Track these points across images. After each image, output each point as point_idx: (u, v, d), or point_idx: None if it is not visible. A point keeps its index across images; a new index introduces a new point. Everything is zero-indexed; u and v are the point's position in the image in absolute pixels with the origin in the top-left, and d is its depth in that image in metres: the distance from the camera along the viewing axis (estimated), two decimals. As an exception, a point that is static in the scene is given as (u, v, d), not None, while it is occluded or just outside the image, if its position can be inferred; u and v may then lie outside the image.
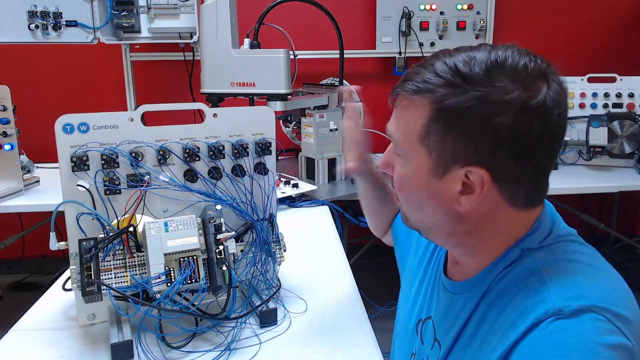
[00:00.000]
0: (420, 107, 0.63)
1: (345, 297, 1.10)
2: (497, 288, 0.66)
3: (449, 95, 0.60)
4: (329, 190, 1.97)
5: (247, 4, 2.18)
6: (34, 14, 2.13)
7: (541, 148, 0.60)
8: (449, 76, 0.61)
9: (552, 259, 0.64)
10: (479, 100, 0.58)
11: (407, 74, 0.67)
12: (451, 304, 0.73)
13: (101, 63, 2.66)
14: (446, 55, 0.63)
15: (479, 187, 0.62)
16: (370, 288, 1.05)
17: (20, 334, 0.96)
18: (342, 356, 0.89)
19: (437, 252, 0.85)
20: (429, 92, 0.62)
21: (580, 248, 0.67)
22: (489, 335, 0.64)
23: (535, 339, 0.56)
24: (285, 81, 1.79)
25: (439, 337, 0.75)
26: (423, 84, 0.63)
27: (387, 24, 2.67)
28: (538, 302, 0.59)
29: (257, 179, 1.04)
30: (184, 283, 0.85)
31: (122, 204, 0.92)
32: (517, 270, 0.65)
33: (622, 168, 2.29)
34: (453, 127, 0.61)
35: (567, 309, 0.56)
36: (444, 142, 0.62)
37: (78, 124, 0.89)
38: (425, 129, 0.63)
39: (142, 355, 0.87)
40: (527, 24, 2.83)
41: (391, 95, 0.69)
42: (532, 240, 0.66)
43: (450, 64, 0.61)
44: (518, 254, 0.66)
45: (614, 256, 2.91)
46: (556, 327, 0.55)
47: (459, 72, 0.60)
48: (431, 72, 0.63)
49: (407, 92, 0.65)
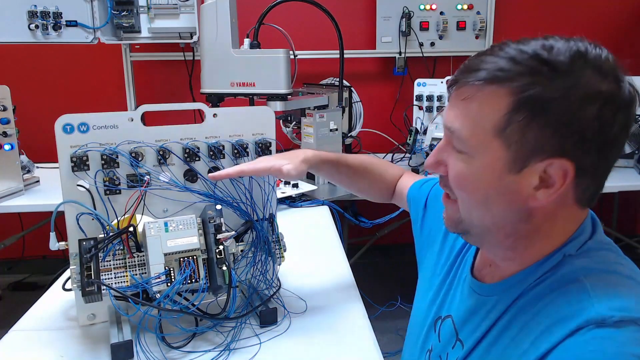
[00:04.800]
0: (497, 97, 0.59)
1: (345, 297, 1.10)
2: (532, 293, 0.65)
3: (532, 84, 0.57)
4: (329, 190, 1.97)
5: (247, 4, 2.18)
6: (34, 14, 2.13)
7: (620, 142, 0.60)
8: (531, 64, 0.57)
9: (593, 268, 0.63)
10: (567, 91, 0.56)
11: (470, 64, 0.62)
12: (479, 306, 0.72)
13: (101, 63, 2.66)
14: (516, 44, 0.60)
15: (561, 180, 0.59)
16: (370, 288, 1.05)
17: (20, 334, 0.96)
18: (342, 356, 0.89)
19: (463, 253, 0.83)
20: (508, 80, 0.58)
21: (619, 258, 0.65)
22: (517, 339, 0.63)
23: (574, 345, 0.55)
24: (285, 81, 1.79)
25: (461, 337, 0.73)
26: (499, 72, 0.59)
27: (387, 24, 2.67)
28: (580, 309, 0.57)
29: (257, 179, 1.04)
30: (184, 283, 0.85)
31: (122, 204, 0.92)
32: (556, 276, 0.64)
33: (622, 168, 2.29)
34: (538, 118, 0.57)
35: (612, 319, 0.55)
36: (527, 134, 0.58)
37: (78, 124, 0.89)
38: (504, 120, 0.59)
39: (142, 355, 0.87)
40: (527, 24, 2.83)
41: (453, 88, 0.64)
42: (573, 246, 0.65)
43: (529, 51, 0.58)
44: (559, 259, 0.65)
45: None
46: (597, 334, 0.54)
47: (543, 59, 0.57)
48: (505, 59, 0.59)
49: (478, 82, 0.60)
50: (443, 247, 0.90)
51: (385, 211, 1.35)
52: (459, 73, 0.64)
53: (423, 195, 1.02)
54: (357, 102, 2.40)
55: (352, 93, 2.34)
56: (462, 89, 0.62)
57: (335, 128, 2.02)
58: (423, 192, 1.03)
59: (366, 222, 1.18)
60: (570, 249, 0.65)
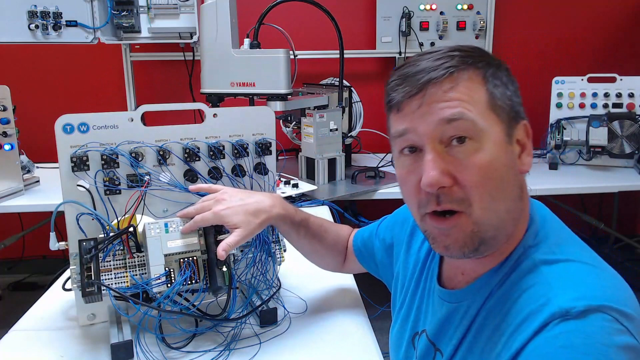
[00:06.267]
0: (474, 77, 0.64)
1: (345, 297, 1.10)
2: (499, 292, 0.65)
3: (487, 63, 0.65)
4: (329, 190, 1.97)
5: (247, 4, 2.17)
6: (34, 14, 2.13)
7: None
8: (472, 50, 0.66)
9: (553, 259, 0.63)
10: (498, 61, 0.67)
11: (419, 69, 0.64)
12: (451, 313, 0.72)
13: (101, 63, 2.66)
14: (431, 52, 0.67)
15: (528, 139, 0.67)
16: (370, 288, 1.05)
17: (20, 334, 0.96)
18: (342, 356, 0.90)
19: (429, 263, 0.82)
20: (473, 62, 0.64)
21: (577, 245, 0.66)
22: (491, 341, 0.63)
23: (542, 342, 0.55)
24: (285, 81, 1.79)
25: (441, 347, 0.73)
26: (463, 58, 0.64)
27: (387, 24, 2.66)
28: (544, 304, 0.57)
29: (257, 179, 1.04)
30: (184, 284, 0.85)
31: (122, 204, 0.92)
32: (519, 272, 0.64)
33: (622, 168, 2.29)
34: (502, 87, 0.65)
35: (574, 309, 0.55)
36: (505, 102, 0.64)
37: (78, 124, 0.89)
38: (489, 94, 0.64)
39: (142, 355, 0.87)
40: (527, 24, 2.83)
41: (417, 96, 0.64)
42: (530, 236, 0.66)
43: (448, 48, 0.66)
44: (520, 252, 0.66)
45: (614, 256, 2.91)
46: (564, 328, 0.54)
47: (474, 47, 0.67)
48: (452, 52, 0.65)
49: (453, 68, 0.63)
50: (407, 259, 0.88)
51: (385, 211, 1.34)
52: (415, 82, 0.64)
53: (373, 228, 1.02)
54: (357, 102, 2.40)
55: (352, 93, 2.34)
56: (436, 87, 0.63)
57: (335, 128, 2.02)
58: (370, 228, 1.03)
59: (366, 222, 1.18)
60: (529, 239, 0.66)
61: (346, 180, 2.08)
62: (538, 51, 2.85)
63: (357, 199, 1.98)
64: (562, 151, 2.35)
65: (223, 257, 0.84)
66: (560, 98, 2.42)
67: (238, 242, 0.86)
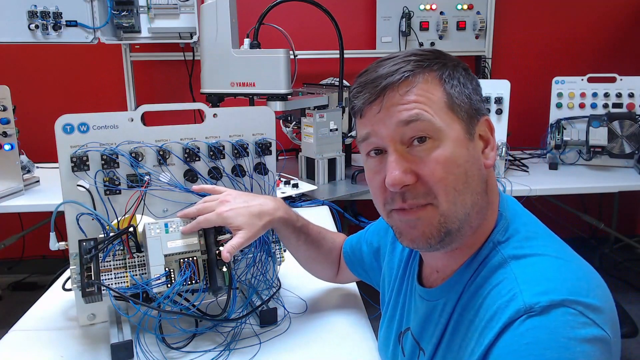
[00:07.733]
0: (430, 79, 0.66)
1: (345, 297, 1.10)
2: (471, 288, 0.66)
3: (443, 64, 0.67)
4: (329, 190, 1.97)
5: (247, 4, 2.17)
6: (34, 14, 2.13)
7: None
8: (428, 53, 0.68)
9: (521, 254, 0.64)
10: (455, 61, 0.69)
11: (378, 74, 0.67)
12: (430, 311, 0.73)
13: (101, 63, 2.66)
14: (388, 58, 0.69)
15: (490, 134, 0.69)
16: (370, 288, 1.05)
17: (20, 334, 0.96)
18: (341, 356, 0.90)
19: (410, 263, 0.84)
20: (429, 65, 0.66)
21: (547, 239, 0.67)
22: (467, 337, 0.64)
23: (509, 339, 0.56)
24: (285, 81, 1.79)
25: (423, 346, 0.74)
26: (418, 62, 0.66)
27: (387, 24, 2.67)
28: (509, 300, 0.58)
29: (257, 179, 1.04)
30: (184, 284, 0.85)
31: (122, 204, 0.93)
32: (488, 267, 0.65)
33: (622, 168, 2.29)
34: (459, 87, 0.67)
35: (538, 305, 0.56)
36: (463, 101, 0.67)
37: (78, 124, 0.89)
38: (446, 94, 0.66)
39: (142, 355, 0.87)
40: (527, 24, 2.83)
41: (377, 101, 0.66)
42: (499, 231, 0.68)
43: (405, 53, 0.68)
44: (490, 248, 0.67)
45: (614, 256, 2.91)
46: (528, 325, 0.55)
47: (432, 50, 0.70)
48: (408, 56, 0.67)
49: (409, 72, 0.66)
50: (392, 260, 0.90)
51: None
52: (373, 88, 0.66)
53: (362, 234, 1.03)
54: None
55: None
56: (393, 91, 0.65)
57: (335, 128, 2.02)
58: (359, 234, 1.04)
59: (366, 222, 1.18)
60: (499, 235, 0.67)
61: (346, 180, 2.08)
62: (538, 51, 2.85)
63: (357, 199, 1.98)
64: (562, 151, 2.35)
65: (228, 259, 0.85)
66: (560, 98, 2.42)
67: (242, 244, 0.86)
